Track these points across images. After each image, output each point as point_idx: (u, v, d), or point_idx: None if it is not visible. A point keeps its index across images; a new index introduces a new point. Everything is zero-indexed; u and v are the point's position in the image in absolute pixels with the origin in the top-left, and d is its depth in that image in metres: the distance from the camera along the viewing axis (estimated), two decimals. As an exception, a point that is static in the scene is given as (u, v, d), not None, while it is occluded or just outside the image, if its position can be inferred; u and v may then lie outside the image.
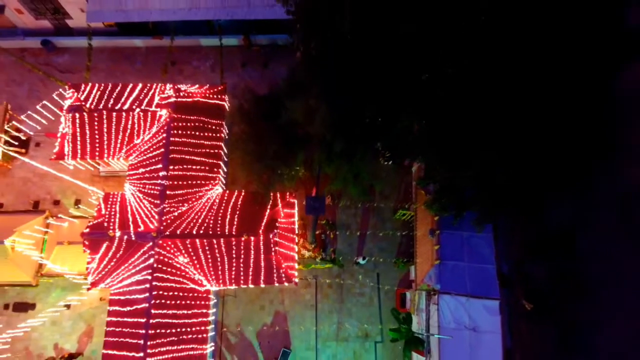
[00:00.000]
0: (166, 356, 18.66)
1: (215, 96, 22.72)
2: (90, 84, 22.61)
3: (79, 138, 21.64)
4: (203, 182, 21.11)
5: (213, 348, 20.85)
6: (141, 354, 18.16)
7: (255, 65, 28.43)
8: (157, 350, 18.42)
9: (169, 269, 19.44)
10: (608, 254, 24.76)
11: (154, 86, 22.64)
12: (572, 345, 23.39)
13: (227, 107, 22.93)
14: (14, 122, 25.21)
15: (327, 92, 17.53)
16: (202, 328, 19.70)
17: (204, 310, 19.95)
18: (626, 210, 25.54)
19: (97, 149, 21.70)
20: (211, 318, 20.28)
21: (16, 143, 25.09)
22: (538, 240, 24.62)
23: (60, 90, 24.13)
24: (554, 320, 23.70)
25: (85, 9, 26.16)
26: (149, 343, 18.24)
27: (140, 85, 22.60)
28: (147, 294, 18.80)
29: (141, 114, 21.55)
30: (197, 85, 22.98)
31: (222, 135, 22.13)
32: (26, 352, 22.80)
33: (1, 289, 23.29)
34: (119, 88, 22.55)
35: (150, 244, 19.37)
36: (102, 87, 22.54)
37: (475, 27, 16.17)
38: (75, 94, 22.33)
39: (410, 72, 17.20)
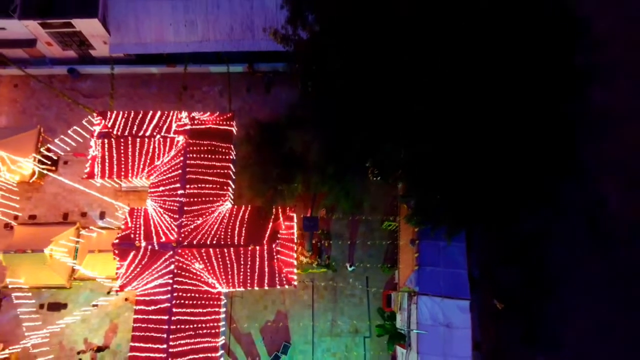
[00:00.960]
0: (185, 347, 22.01)
1: (224, 122, 25.97)
2: (115, 112, 25.81)
3: (107, 160, 24.91)
4: (215, 198, 24.39)
5: (223, 341, 24.14)
6: (164, 346, 21.55)
7: (258, 90, 31.71)
8: (177, 343, 21.79)
9: (186, 274, 22.78)
10: (571, 259, 28.17)
11: (171, 114, 25.78)
12: (536, 338, 26.73)
13: (234, 132, 26.19)
14: (48, 145, 28.55)
15: (322, 125, 20.87)
16: (215, 324, 22.97)
17: (216, 309, 23.24)
18: (588, 220, 29.01)
19: (123, 170, 24.96)
20: (222, 316, 23.49)
21: (48, 162, 28.38)
22: (508, 248, 27.86)
23: (89, 116, 27.39)
24: (521, 317, 26.99)
25: (108, 41, 29.45)
26: (170, 336, 21.64)
27: (159, 113, 25.73)
28: (168, 295, 22.17)
29: (161, 139, 24.84)
30: (208, 113, 26.17)
31: (231, 157, 25.38)
32: (60, 345, 26.11)
33: (38, 291, 26.63)
34: (140, 115, 25.72)
35: (171, 252, 22.69)
36: (125, 115, 25.73)
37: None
38: (103, 120, 25.60)
39: (393, 107, 20.34)
